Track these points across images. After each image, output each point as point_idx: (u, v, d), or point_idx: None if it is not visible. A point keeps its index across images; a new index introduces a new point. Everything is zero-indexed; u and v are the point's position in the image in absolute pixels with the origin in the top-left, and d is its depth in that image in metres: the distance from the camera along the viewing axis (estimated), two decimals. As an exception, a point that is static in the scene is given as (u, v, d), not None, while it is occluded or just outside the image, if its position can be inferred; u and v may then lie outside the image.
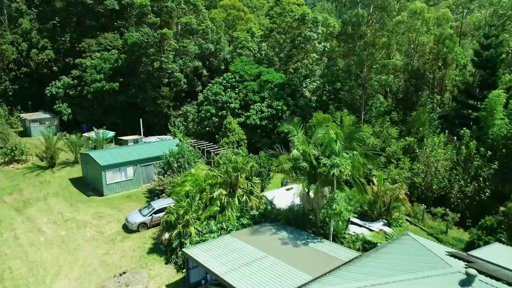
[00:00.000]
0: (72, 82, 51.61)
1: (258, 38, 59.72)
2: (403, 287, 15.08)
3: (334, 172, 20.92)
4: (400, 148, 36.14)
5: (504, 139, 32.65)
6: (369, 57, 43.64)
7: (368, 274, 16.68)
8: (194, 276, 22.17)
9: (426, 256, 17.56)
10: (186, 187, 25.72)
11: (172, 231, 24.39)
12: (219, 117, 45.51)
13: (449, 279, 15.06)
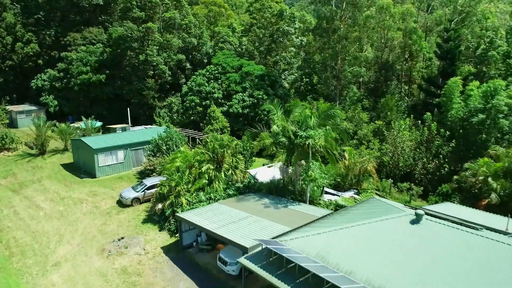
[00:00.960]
0: (58, 75, 52.98)
1: (238, 33, 62.51)
2: (365, 227, 18.22)
3: (309, 142, 23.95)
4: (370, 131, 39.67)
5: (461, 121, 36.55)
6: (343, 50, 47.18)
7: (338, 222, 19.73)
8: (187, 239, 24.75)
9: (386, 208, 20.82)
10: (177, 163, 28.26)
11: (165, 201, 26.86)
12: (203, 107, 47.99)
13: (402, 219, 18.35)
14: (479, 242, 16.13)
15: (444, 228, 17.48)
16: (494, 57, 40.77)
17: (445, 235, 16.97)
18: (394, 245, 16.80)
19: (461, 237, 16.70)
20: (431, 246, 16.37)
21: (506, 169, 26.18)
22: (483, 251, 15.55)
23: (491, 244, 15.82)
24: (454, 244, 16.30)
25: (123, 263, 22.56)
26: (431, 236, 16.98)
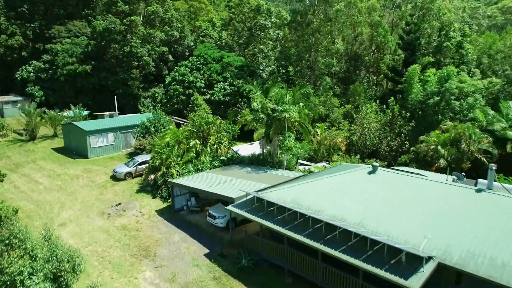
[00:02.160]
0: (43, 66, 54.60)
1: (218, 28, 65.64)
2: (332, 179, 21.91)
3: (285, 116, 27.49)
4: (341, 114, 43.76)
5: (419, 104, 41.13)
6: (316, 42, 51.20)
7: (309, 179, 23.36)
8: (178, 203, 27.81)
9: (350, 167, 24.65)
10: (167, 139, 31.27)
11: (157, 173, 29.83)
12: (186, 95, 50.94)
13: (362, 171, 22.17)
14: (425, 184, 20.08)
15: (396, 175, 21.42)
16: (449, 48, 45.72)
17: (396, 180, 20.88)
18: (355, 190, 20.55)
19: (410, 181, 20.62)
20: (385, 188, 20.20)
21: (452, 138, 30.58)
22: (428, 190, 19.44)
23: (435, 185, 19.78)
24: (405, 186, 20.16)
25: (123, 222, 25.45)
26: (385, 181, 20.84)
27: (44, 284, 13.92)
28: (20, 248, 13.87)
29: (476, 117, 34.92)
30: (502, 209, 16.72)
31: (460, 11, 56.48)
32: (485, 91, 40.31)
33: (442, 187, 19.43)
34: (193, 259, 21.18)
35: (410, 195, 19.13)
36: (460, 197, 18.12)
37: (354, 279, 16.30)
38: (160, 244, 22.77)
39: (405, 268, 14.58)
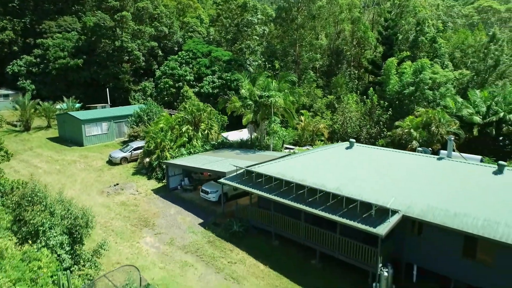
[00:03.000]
0: (35, 61, 55.69)
1: (206, 24, 67.61)
2: (313, 154, 24.36)
3: (271, 101, 29.84)
4: (324, 104, 46.37)
5: (396, 94, 43.97)
6: (300, 38, 53.73)
7: (294, 157, 25.75)
8: (173, 182, 29.87)
9: (333, 146, 27.14)
10: (161, 124, 33.30)
11: (152, 156, 31.84)
12: (176, 88, 52.78)
13: (340, 147, 24.70)
14: (395, 155, 22.70)
15: (370, 149, 24.04)
16: (423, 42, 48.85)
17: (370, 153, 23.47)
18: (334, 162, 23.04)
19: (382, 154, 23.25)
20: (360, 160, 22.73)
21: (424, 122, 33.40)
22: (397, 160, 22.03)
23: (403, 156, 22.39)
24: (377, 158, 22.76)
25: (121, 199, 27.39)
26: (360, 154, 23.41)
27: (61, 237, 15.95)
28: (41, 204, 15.86)
29: (447, 104, 37.89)
30: (457, 171, 19.43)
31: (434, 8, 59.78)
32: (456, 81, 43.46)
33: (409, 157, 22.10)
34: (188, 227, 23.34)
35: (381, 165, 21.70)
36: (423, 164, 20.79)
37: (332, 234, 18.73)
38: (157, 216, 24.84)
39: (375, 220, 17.06)
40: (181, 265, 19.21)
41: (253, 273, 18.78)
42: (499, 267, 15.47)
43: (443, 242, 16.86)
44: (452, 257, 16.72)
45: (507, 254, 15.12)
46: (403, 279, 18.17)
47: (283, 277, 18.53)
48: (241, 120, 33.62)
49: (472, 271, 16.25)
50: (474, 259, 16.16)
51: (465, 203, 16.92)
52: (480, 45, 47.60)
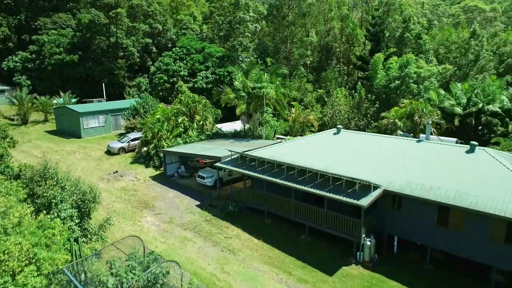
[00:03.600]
0: (30, 57, 56.52)
1: (199, 22, 68.94)
2: (303, 140, 26.00)
3: (263, 91, 31.44)
4: (314, 98, 48.10)
5: (383, 87, 45.94)
6: (291, 34, 55.41)
7: (285, 143, 27.37)
8: (170, 170, 31.28)
9: (322, 132, 28.81)
10: (157, 115, 34.66)
11: (149, 145, 33.21)
12: (170, 83, 54.06)
13: (328, 133, 26.37)
14: (378, 139, 24.42)
15: (356, 135, 25.76)
16: (409, 38, 50.91)
17: (356, 138, 25.18)
18: (322, 146, 24.70)
19: (366, 138, 24.97)
20: (346, 144, 24.43)
21: (408, 113, 35.29)
22: (380, 143, 23.76)
23: (385, 139, 24.14)
24: (362, 141, 24.45)
25: (121, 185, 28.74)
26: (347, 139, 25.11)
27: (71, 210, 17.34)
28: (53, 179, 17.23)
29: (430, 97, 39.87)
30: (434, 151, 21.22)
31: (419, 6, 61.99)
32: (440, 75, 45.54)
33: (391, 140, 23.88)
34: (186, 208, 24.82)
35: (365, 147, 23.44)
36: (404, 146, 22.56)
37: (320, 209, 20.38)
38: (157, 199, 26.27)
39: (358, 194, 18.73)
40: (181, 240, 20.69)
41: (248, 246, 20.35)
42: (468, 233, 17.25)
43: (420, 213, 18.59)
44: (428, 227, 18.47)
45: (474, 221, 16.91)
46: (385, 250, 19.88)
47: (275, 249, 20.13)
48: (234, 114, 35.17)
49: (445, 238, 18.01)
50: (447, 227, 17.92)
51: (440, 178, 18.68)
52: (462, 41, 49.79)
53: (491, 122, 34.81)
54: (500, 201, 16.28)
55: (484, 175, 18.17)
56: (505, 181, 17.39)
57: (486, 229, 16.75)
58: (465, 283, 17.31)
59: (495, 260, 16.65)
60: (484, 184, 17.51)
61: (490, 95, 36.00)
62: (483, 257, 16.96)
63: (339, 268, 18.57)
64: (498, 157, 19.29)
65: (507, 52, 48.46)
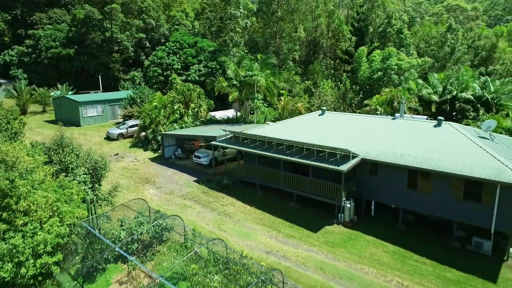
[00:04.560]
0: (26, 51, 58.01)
1: (191, 18, 71.05)
2: (291, 121, 28.46)
3: (254, 79, 33.83)
4: (302, 89, 50.68)
5: (367, 79, 48.73)
6: (280, 30, 57.96)
7: (274, 124, 29.80)
8: (167, 152, 33.47)
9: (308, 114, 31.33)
10: (155, 103, 36.78)
11: (147, 130, 35.33)
12: (164, 76, 56.07)
13: (313, 115, 28.89)
14: (358, 118, 27.01)
15: (339, 115, 28.33)
16: (391, 33, 53.89)
17: (339, 118, 27.75)
18: (308, 126, 27.20)
19: (348, 117, 27.54)
20: (330, 123, 26.97)
21: (388, 100, 38.03)
22: (360, 121, 26.35)
23: (364, 118, 26.74)
24: (344, 120, 27.02)
25: (123, 165, 30.86)
26: (331, 119, 27.65)
27: (84, 176, 19.52)
28: (68, 147, 19.37)
29: (410, 86, 42.72)
30: (407, 127, 23.90)
31: (401, 3, 65.21)
32: (419, 67, 48.52)
33: (369, 118, 26.52)
34: (185, 183, 27.09)
35: (347, 125, 26.03)
36: (380, 123, 25.20)
37: (306, 178, 22.86)
38: (157, 176, 28.48)
39: (339, 162, 21.24)
40: (181, 206, 22.98)
41: (241, 211, 22.73)
42: (434, 193, 19.89)
43: (393, 179, 21.20)
44: (400, 190, 21.08)
45: (438, 182, 19.56)
46: (363, 213, 22.46)
47: (266, 213, 22.55)
48: (226, 105, 37.48)
49: (415, 199, 20.63)
50: (416, 189, 20.55)
51: (410, 148, 21.31)
52: (439, 35, 52.93)
53: (464, 108, 37.72)
54: (459, 163, 18.95)
55: (448, 144, 20.85)
56: (464, 147, 20.10)
57: (448, 189, 19.41)
58: (431, 237, 19.95)
59: (456, 215, 19.32)
60: (447, 151, 20.19)
61: (464, 84, 38.96)
62: (446, 213, 19.63)
63: (322, 227, 21.08)
64: (461, 130, 22.03)
65: (481, 46, 51.76)
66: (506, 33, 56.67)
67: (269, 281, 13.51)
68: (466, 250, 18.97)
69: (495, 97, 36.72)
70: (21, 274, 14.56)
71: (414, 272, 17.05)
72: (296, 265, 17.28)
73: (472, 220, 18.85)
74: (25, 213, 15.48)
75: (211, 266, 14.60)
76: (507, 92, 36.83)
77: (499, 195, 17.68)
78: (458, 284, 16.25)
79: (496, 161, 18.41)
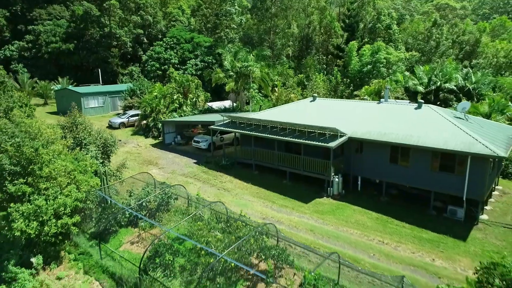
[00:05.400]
0: (27, 46, 59.45)
1: (187, 14, 72.85)
2: (285, 106, 30.48)
3: (249, 69, 35.80)
4: (295, 82, 52.77)
5: (357, 72, 50.97)
6: (274, 26, 59.98)
7: (268, 110, 31.82)
8: (168, 138, 35.33)
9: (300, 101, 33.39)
10: (155, 93, 38.61)
11: (148, 118, 37.15)
12: (162, 71, 57.87)
13: (306, 101, 30.93)
14: (346, 103, 29.11)
15: (329, 101, 30.40)
16: (380, 29, 56.19)
17: (329, 103, 29.82)
18: (300, 111, 29.24)
19: (337, 103, 29.63)
20: (321, 108, 29.03)
21: (376, 90, 40.24)
22: (348, 106, 28.45)
23: (352, 102, 28.85)
24: (334, 105, 29.11)
25: (126, 149, 32.66)
26: (321, 105, 29.72)
27: (96, 151, 21.37)
28: (81, 125, 21.20)
29: (397, 78, 45.03)
30: (390, 109, 26.04)
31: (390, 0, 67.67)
32: (407, 61, 50.83)
33: (357, 103, 28.65)
34: (185, 164, 29.01)
35: (336, 110, 28.12)
36: (367, 107, 27.33)
37: (298, 156, 24.90)
38: (159, 158, 30.36)
39: (328, 140, 23.30)
40: (184, 182, 24.85)
41: (239, 187, 24.72)
42: (413, 166, 22.02)
43: (377, 155, 23.29)
44: (383, 166, 23.18)
45: (417, 156, 21.69)
46: (351, 188, 24.54)
47: (262, 188, 24.55)
48: (222, 98, 39.34)
49: (396, 173, 22.74)
50: (397, 163, 22.67)
51: (393, 127, 23.43)
52: (425, 30, 55.33)
53: (448, 97, 40.04)
54: (436, 139, 21.08)
55: (426, 123, 22.99)
56: (441, 126, 22.25)
57: (426, 162, 21.54)
58: (411, 208, 22.03)
59: (433, 185, 21.44)
60: (426, 129, 22.32)
61: (447, 75, 41.30)
62: (424, 184, 21.75)
63: (313, 199, 23.14)
64: (438, 111, 24.21)
65: (465, 41, 54.25)
66: (490, 29, 59.26)
67: (265, 233, 15.49)
68: (442, 217, 21.11)
69: (476, 87, 39.06)
70: (45, 232, 16.38)
71: (394, 233, 19.15)
72: (289, 227, 19.30)
73: (447, 189, 21.00)
74: (47, 179, 17.32)
75: (213, 223, 16.54)
76: (487, 82, 39.21)
77: (470, 166, 19.84)
78: (432, 242, 18.36)
79: (468, 136, 20.58)
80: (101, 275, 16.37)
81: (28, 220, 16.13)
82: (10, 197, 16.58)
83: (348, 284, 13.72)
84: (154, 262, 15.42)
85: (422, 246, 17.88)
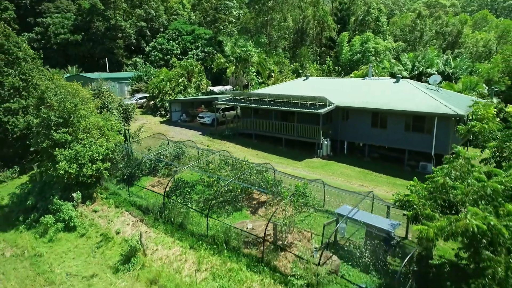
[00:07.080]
0: (36, 37, 62.62)
1: (188, 9, 76.34)
2: (284, 84, 34.12)
3: (248, 54, 39.40)
4: (290, 70, 56.45)
5: (348, 61, 54.72)
6: (270, 19, 63.64)
7: (266, 88, 35.46)
8: (174, 116, 38.84)
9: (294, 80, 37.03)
10: (162, 76, 42.10)
11: (156, 99, 40.63)
12: (165, 61, 61.32)
13: (299, 80, 34.59)
14: (336, 80, 32.79)
15: (322, 79, 34.09)
16: (369, 21, 60.04)
17: (321, 81, 33.51)
18: (295, 87, 32.88)
19: (329, 80, 33.32)
20: (313, 85, 32.70)
21: (363, 74, 43.93)
22: (337, 82, 32.15)
23: (341, 79, 32.52)
24: (326, 82, 32.78)
25: (136, 125, 36.02)
26: (314, 82, 33.40)
27: (118, 115, 24.89)
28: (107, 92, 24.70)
29: (384, 65, 48.79)
30: (373, 84, 29.78)
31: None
32: (394, 50, 54.67)
33: (345, 80, 32.34)
34: (192, 135, 32.56)
35: (326, 86, 31.82)
36: (353, 82, 31.05)
37: (292, 124, 28.54)
38: (168, 131, 33.87)
39: (318, 108, 26.95)
40: (192, 147, 28.45)
41: (241, 151, 28.32)
42: (389, 129, 25.73)
43: (360, 121, 26.98)
44: (365, 130, 26.86)
45: (394, 119, 25.40)
46: (338, 151, 28.22)
47: (260, 152, 28.18)
48: (222, 85, 42.74)
49: (376, 135, 26.44)
50: (377, 127, 26.36)
51: (374, 97, 27.14)
52: (410, 21, 59.26)
53: (429, 81, 43.83)
54: (409, 105, 24.81)
55: (402, 93, 26.74)
56: (414, 95, 25.99)
57: (401, 124, 25.26)
58: (390, 166, 25.73)
59: (407, 144, 25.15)
60: (401, 97, 26.06)
61: (429, 62, 45.10)
62: (400, 143, 25.46)
63: (305, 159, 26.81)
64: (414, 84, 27.99)
65: (448, 32, 58.15)
66: (472, 22, 63.25)
67: (264, 170, 19.12)
68: (414, 171, 24.83)
69: (454, 72, 42.90)
70: (83, 173, 19.93)
71: (372, 181, 22.85)
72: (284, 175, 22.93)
73: (419, 147, 24.73)
74: (83, 131, 20.87)
75: (222, 164, 20.15)
76: (465, 67, 43.07)
77: (436, 125, 23.59)
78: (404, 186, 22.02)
79: (436, 102, 24.33)
80: (130, 207, 19.94)
81: (69, 162, 19.66)
82: (55, 144, 20.12)
83: (332, 197, 17.43)
84: (175, 193, 19.05)
85: (395, 188, 21.55)
